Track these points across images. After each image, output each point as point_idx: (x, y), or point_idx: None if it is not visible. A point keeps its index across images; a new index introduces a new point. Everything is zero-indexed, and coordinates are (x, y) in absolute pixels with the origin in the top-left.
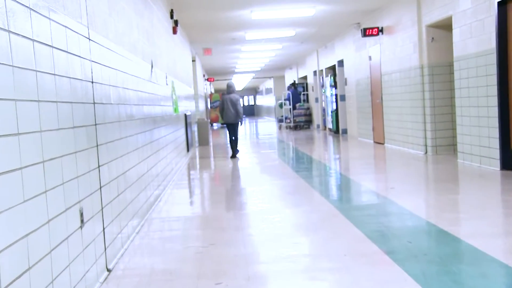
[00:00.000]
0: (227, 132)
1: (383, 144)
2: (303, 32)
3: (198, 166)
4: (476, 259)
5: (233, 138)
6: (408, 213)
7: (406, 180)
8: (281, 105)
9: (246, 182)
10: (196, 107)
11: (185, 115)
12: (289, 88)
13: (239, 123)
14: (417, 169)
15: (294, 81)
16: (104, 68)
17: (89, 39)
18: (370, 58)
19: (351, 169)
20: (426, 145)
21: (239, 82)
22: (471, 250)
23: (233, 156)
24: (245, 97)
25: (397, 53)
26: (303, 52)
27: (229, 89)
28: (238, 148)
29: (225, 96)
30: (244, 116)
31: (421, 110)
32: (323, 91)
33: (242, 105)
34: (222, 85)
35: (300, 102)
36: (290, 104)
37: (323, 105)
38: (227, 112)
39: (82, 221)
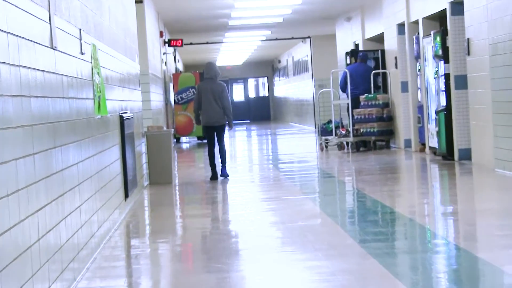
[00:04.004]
0: (207, 140)
1: None
2: None
3: (147, 229)
4: None
5: (218, 149)
6: None
7: None
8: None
9: (252, 264)
10: (145, 102)
11: (121, 119)
12: (365, 58)
13: (226, 125)
14: None
15: (357, 45)
16: None
17: None
18: None
19: (481, 237)
20: None
21: (235, 55)
22: None
23: (216, 177)
24: (250, 82)
25: None
26: None
27: (210, 73)
28: (226, 162)
29: (202, 85)
30: (247, 121)
31: None
32: (419, 67)
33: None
34: (201, 55)
35: (368, 91)
36: (347, 96)
37: (419, 98)
38: (207, 109)
39: None
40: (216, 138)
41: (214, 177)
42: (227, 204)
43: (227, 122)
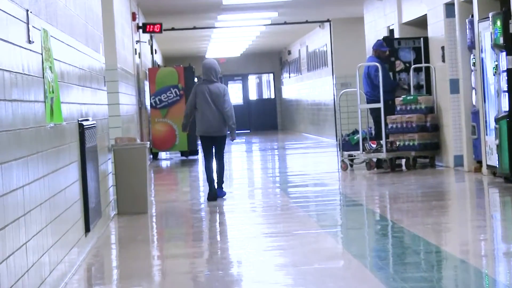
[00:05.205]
0: (203, 154)
1: None
2: None
3: (115, 273)
4: None
5: (216, 167)
6: None
7: None
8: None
9: None
10: (112, 106)
11: (81, 128)
12: (376, 49)
13: (227, 136)
14: None
15: (392, 31)
16: None
17: None
18: None
19: None
20: None
21: (231, 44)
22: None
23: (213, 196)
24: (250, 79)
25: None
26: None
27: (208, 72)
28: (223, 181)
29: (200, 87)
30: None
31: None
32: (473, 61)
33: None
34: (186, 45)
35: (406, 91)
36: (378, 99)
37: (474, 101)
38: (206, 116)
39: None
40: (214, 152)
41: (212, 195)
42: (220, 240)
43: (229, 132)
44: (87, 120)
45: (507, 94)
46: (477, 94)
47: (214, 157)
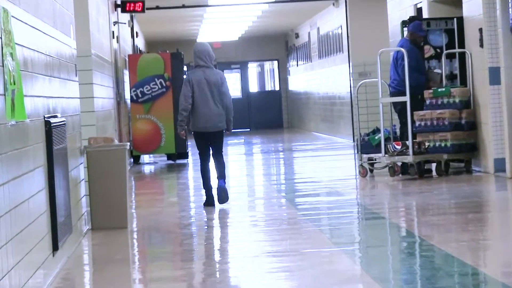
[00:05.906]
0: (199, 154)
1: None
2: None
3: None
4: None
5: (215, 164)
6: None
7: None
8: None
9: None
10: (85, 99)
11: (48, 126)
12: (413, 32)
13: (225, 130)
14: None
15: (419, 9)
16: None
17: None
18: None
19: None
20: None
21: (227, 25)
22: None
23: (212, 202)
24: (251, 68)
25: None
26: None
27: (202, 56)
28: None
29: (195, 75)
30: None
31: None
32: None
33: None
34: (173, 27)
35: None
36: (404, 89)
37: None
38: (202, 109)
39: None
40: (212, 150)
41: (210, 202)
42: (214, 260)
43: (226, 125)
44: (55, 116)
45: None
46: None
47: (211, 156)
